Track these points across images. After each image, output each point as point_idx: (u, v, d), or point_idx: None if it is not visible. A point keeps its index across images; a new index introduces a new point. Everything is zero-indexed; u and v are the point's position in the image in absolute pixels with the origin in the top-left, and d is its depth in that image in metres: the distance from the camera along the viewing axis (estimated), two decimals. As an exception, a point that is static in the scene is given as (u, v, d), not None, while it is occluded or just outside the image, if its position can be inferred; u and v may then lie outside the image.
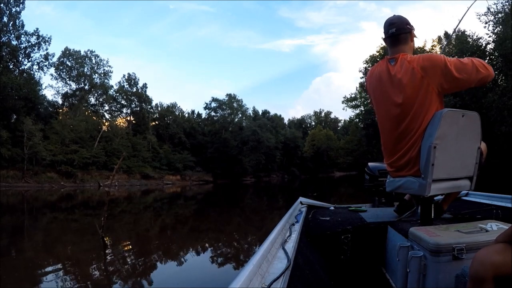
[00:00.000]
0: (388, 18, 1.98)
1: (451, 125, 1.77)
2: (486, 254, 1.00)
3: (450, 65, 1.72)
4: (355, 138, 45.03)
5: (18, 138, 32.08)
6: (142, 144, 44.44)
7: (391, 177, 2.03)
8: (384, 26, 1.97)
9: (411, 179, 1.87)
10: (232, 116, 59.43)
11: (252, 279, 0.95)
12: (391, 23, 1.93)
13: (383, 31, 1.97)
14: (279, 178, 58.34)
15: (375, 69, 2.00)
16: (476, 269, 0.99)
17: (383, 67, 1.93)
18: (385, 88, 1.90)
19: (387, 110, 1.92)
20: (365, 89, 34.00)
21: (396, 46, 1.92)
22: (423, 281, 1.49)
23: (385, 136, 1.99)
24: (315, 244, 2.09)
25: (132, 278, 5.57)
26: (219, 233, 9.75)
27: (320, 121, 79.92)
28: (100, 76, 47.62)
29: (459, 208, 2.56)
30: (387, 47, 2.00)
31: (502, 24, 21.78)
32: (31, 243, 8.61)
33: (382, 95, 1.93)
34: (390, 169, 2.01)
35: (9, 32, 35.62)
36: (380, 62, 1.98)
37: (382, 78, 1.92)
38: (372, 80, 2.01)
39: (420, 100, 1.78)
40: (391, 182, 2.03)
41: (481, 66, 1.74)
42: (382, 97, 1.93)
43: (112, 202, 15.80)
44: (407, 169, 1.89)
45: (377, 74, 1.96)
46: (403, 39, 1.92)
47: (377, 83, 1.95)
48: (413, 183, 1.86)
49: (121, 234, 9.73)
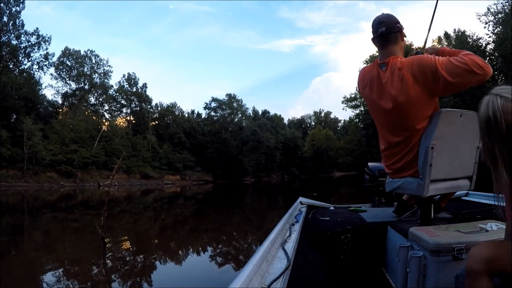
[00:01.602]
0: (376, 17, 1.89)
1: (449, 125, 1.76)
2: (479, 249, 1.03)
3: (441, 69, 1.61)
4: (355, 138, 45.10)
5: (18, 138, 32.07)
6: (142, 144, 44.42)
7: (392, 177, 2.02)
8: (372, 25, 1.88)
9: (410, 180, 1.87)
10: (232, 116, 59.41)
11: (252, 279, 0.95)
12: (380, 22, 1.85)
13: (372, 30, 1.89)
14: (279, 178, 58.32)
15: (366, 74, 1.93)
16: (470, 265, 1.01)
17: (373, 72, 1.87)
18: (376, 96, 1.85)
19: (380, 116, 1.90)
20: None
21: (386, 47, 1.85)
22: (423, 281, 1.49)
23: (382, 140, 1.98)
24: (315, 244, 2.08)
25: (132, 278, 5.57)
26: (219, 233, 9.75)
27: (320, 121, 79.90)
28: (100, 76, 47.64)
29: (459, 208, 2.56)
30: (377, 48, 1.92)
31: (502, 24, 21.80)
32: (31, 242, 8.60)
33: (374, 101, 1.89)
34: (389, 170, 2.01)
35: (9, 31, 35.62)
36: (371, 66, 1.92)
37: (373, 86, 1.87)
38: (363, 85, 1.95)
39: (414, 105, 1.73)
40: (390, 182, 2.03)
41: (477, 67, 1.58)
42: (374, 103, 1.89)
43: (112, 202, 15.79)
44: (405, 171, 1.89)
45: (368, 79, 1.91)
46: (393, 38, 1.83)
47: (369, 90, 1.90)
48: (411, 183, 1.86)
49: (121, 234, 9.73)
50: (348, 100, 45.35)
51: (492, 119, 0.98)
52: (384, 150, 1.99)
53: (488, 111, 0.99)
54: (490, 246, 1.06)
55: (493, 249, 1.02)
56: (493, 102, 0.99)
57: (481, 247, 1.04)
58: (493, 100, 1.00)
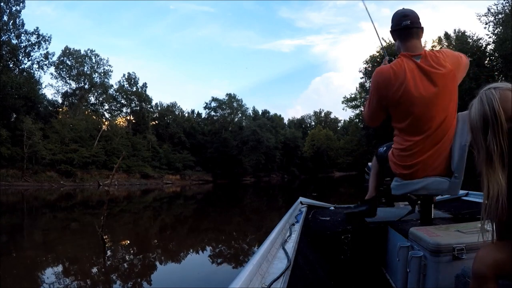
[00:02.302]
0: (400, 10, 1.89)
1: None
2: (488, 252, 0.99)
3: (467, 61, 1.91)
4: (355, 138, 45.06)
5: (18, 137, 32.04)
6: (142, 143, 44.40)
7: (410, 178, 1.88)
8: (394, 18, 1.86)
9: (440, 179, 1.82)
10: (232, 116, 59.41)
11: (252, 279, 0.95)
12: (405, 15, 1.84)
13: (393, 23, 1.86)
14: (278, 178, 58.31)
15: (399, 68, 1.81)
16: (478, 268, 0.97)
17: (411, 65, 1.80)
18: (416, 85, 1.78)
19: (422, 108, 1.80)
20: (365, 90, 33.75)
21: (408, 40, 1.83)
22: (423, 281, 1.49)
23: (406, 136, 1.86)
24: (315, 244, 2.08)
25: (131, 278, 5.56)
26: (218, 233, 9.74)
27: (320, 121, 79.91)
28: (100, 75, 47.59)
29: (459, 208, 2.56)
30: (397, 41, 1.89)
31: (502, 25, 21.81)
32: (31, 242, 8.59)
33: (410, 93, 1.78)
34: (408, 171, 1.87)
35: (9, 31, 35.57)
36: (401, 61, 1.83)
37: (415, 77, 1.78)
38: (400, 80, 1.80)
39: (452, 96, 1.82)
40: (408, 184, 1.89)
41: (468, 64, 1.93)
42: (410, 95, 1.78)
43: (111, 201, 15.78)
44: (434, 170, 1.82)
45: (405, 72, 1.79)
46: (416, 33, 1.83)
47: (408, 82, 1.78)
48: (442, 183, 1.81)
49: (121, 233, 9.73)
50: (348, 100, 45.34)
51: (488, 111, 0.91)
52: (406, 148, 1.85)
53: (484, 105, 0.92)
54: (497, 248, 0.99)
55: (500, 251, 0.97)
56: (487, 95, 0.93)
57: (488, 250, 0.99)
58: (487, 93, 0.94)
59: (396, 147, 1.94)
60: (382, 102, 1.90)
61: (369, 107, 1.99)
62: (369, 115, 2.03)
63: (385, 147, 2.16)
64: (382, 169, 2.21)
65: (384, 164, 2.13)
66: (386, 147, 2.15)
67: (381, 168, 2.22)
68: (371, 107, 1.97)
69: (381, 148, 2.24)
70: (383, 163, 2.14)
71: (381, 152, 2.19)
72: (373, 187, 2.31)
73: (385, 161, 2.09)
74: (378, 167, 2.25)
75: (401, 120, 1.87)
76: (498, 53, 22.35)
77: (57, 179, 33.78)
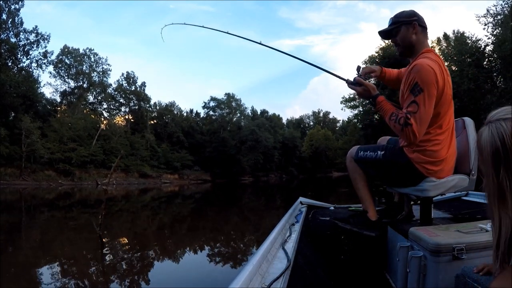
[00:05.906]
0: (414, 11, 1.96)
1: None
2: (498, 285, 0.90)
3: None
4: (354, 138, 44.98)
5: (16, 136, 31.93)
6: (140, 142, 44.34)
7: (444, 175, 1.82)
8: (418, 15, 1.92)
9: (463, 177, 1.84)
10: (230, 115, 59.40)
11: (252, 279, 0.95)
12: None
13: (421, 19, 1.91)
14: (277, 178, 58.33)
15: (438, 59, 1.82)
16: None
17: (440, 61, 1.84)
18: (449, 84, 1.83)
19: (450, 101, 1.82)
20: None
21: (427, 38, 1.95)
22: (423, 281, 1.49)
23: (442, 130, 1.81)
24: (315, 244, 2.08)
25: (130, 277, 5.55)
26: (217, 233, 9.73)
27: (318, 121, 79.98)
28: (98, 74, 47.57)
29: (459, 208, 2.56)
30: (414, 36, 1.89)
31: (501, 26, 21.83)
32: (29, 241, 8.57)
33: (445, 90, 1.78)
34: (437, 168, 1.80)
35: (8, 29, 35.44)
36: (435, 55, 1.84)
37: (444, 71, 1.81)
38: (444, 74, 1.78)
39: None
40: (438, 184, 1.83)
41: None
42: (445, 92, 1.78)
43: (109, 200, 15.76)
44: (457, 167, 1.85)
45: (442, 66, 1.80)
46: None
47: (448, 78, 1.81)
48: (464, 180, 1.84)
49: (119, 232, 9.70)
50: (346, 100, 45.23)
51: (500, 148, 0.83)
52: (440, 143, 1.80)
53: (494, 140, 0.85)
54: (508, 280, 0.89)
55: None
56: (497, 128, 0.85)
57: (500, 283, 0.90)
58: (497, 126, 0.86)
59: (426, 144, 1.80)
60: (435, 101, 1.74)
61: (426, 113, 1.70)
62: (422, 123, 1.71)
63: (379, 150, 1.98)
64: (367, 176, 2.06)
65: (368, 168, 2.03)
66: (380, 150, 1.98)
67: (366, 175, 2.06)
68: (428, 112, 1.71)
69: (361, 152, 2.07)
70: (368, 168, 2.03)
71: (371, 156, 2.00)
72: (369, 203, 2.06)
73: (381, 165, 1.96)
74: (364, 175, 2.05)
75: (438, 115, 1.78)
76: (497, 54, 22.35)
77: (55, 178, 33.72)
